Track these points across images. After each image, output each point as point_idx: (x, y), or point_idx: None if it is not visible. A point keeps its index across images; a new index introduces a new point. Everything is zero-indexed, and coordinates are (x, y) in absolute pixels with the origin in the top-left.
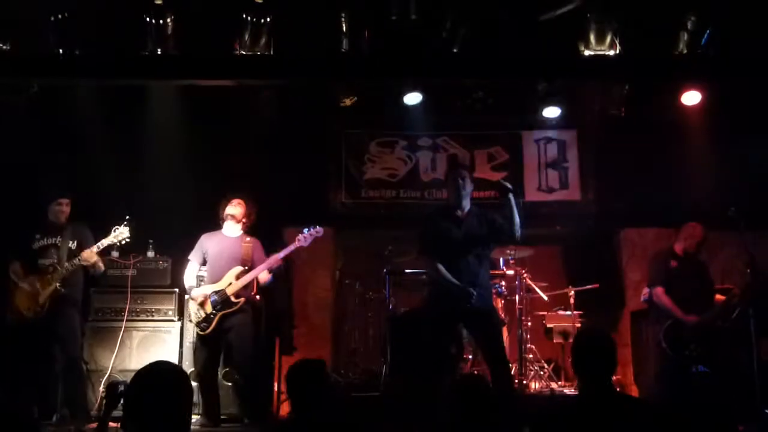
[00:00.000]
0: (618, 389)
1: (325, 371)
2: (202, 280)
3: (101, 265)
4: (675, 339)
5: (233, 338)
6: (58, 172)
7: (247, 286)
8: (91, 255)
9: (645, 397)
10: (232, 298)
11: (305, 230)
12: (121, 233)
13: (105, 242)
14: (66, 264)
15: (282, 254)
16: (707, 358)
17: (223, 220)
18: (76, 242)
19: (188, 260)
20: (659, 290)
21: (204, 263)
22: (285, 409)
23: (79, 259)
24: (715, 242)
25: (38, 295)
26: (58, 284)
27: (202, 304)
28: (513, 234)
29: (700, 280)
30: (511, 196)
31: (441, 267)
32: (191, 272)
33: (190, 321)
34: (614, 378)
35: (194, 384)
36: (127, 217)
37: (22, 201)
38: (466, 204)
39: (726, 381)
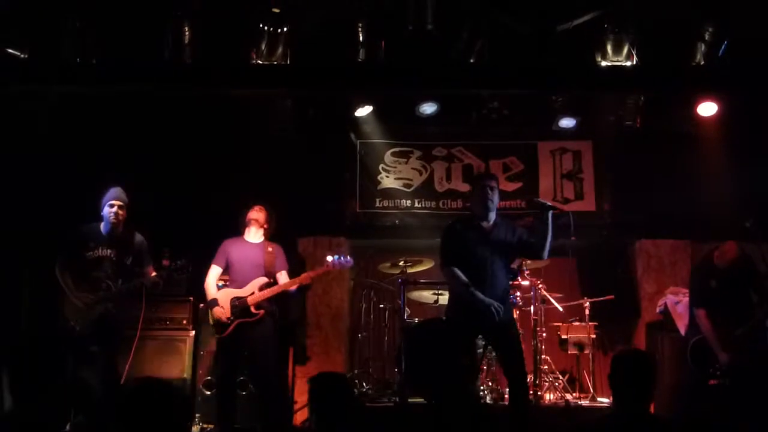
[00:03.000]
0: None
1: (349, 386)
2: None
3: (161, 284)
4: (701, 355)
5: (254, 349)
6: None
7: (269, 299)
8: (151, 279)
9: (659, 410)
10: (252, 309)
11: (336, 257)
12: (182, 265)
13: (168, 270)
14: (121, 287)
15: (314, 274)
16: (730, 376)
17: (246, 226)
18: (131, 258)
19: (211, 266)
20: (701, 313)
21: (226, 269)
22: (298, 418)
23: (134, 285)
24: None
25: (89, 312)
26: (110, 305)
27: (221, 312)
28: (542, 254)
29: (743, 298)
30: (550, 215)
31: (465, 279)
32: (212, 280)
33: (210, 323)
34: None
35: (208, 393)
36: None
37: (53, 209)
38: (492, 216)
39: (748, 397)
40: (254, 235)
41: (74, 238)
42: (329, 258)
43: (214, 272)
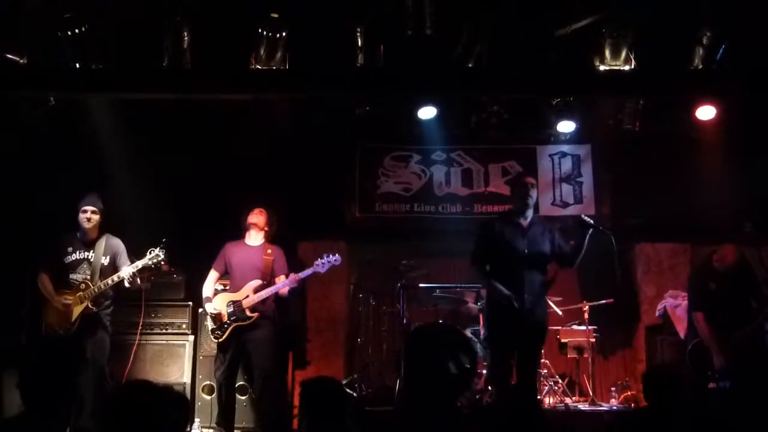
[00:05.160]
0: (633, 405)
1: (344, 391)
2: (224, 291)
3: (140, 284)
4: (700, 358)
5: (252, 353)
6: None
7: (264, 301)
8: (130, 277)
9: None
10: (247, 311)
11: (324, 256)
12: (157, 255)
13: (140, 264)
14: (99, 283)
15: (299, 276)
16: (730, 377)
17: (246, 230)
18: (108, 258)
19: (210, 270)
20: (700, 316)
21: (226, 272)
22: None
23: (112, 280)
24: None
25: (70, 313)
26: (89, 303)
27: (217, 316)
28: (573, 265)
29: (741, 301)
30: (590, 232)
31: (486, 274)
32: (210, 281)
33: (208, 329)
34: (631, 393)
35: (208, 397)
36: (164, 240)
37: (52, 213)
38: (530, 213)
39: (748, 400)
40: (254, 238)
41: (53, 244)
42: (317, 260)
43: (211, 276)
